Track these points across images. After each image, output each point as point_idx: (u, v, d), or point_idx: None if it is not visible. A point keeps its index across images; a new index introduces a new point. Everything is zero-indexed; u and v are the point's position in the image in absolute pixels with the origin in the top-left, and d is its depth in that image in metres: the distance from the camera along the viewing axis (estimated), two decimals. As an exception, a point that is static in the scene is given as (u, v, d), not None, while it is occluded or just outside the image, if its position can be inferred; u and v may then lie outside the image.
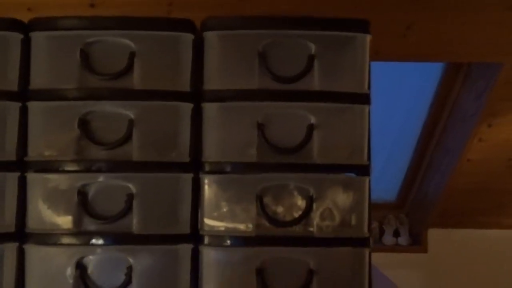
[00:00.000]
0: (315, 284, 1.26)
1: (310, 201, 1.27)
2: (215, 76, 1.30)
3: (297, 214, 1.28)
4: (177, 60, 1.30)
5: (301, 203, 1.29)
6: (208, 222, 1.29)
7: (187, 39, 1.30)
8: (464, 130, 3.48)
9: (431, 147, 3.60)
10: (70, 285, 1.25)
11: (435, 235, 3.71)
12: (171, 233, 1.28)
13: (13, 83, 1.30)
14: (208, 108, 1.30)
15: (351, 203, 1.28)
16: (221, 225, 1.28)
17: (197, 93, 1.31)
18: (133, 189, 1.27)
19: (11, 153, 1.28)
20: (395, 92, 3.25)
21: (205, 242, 1.29)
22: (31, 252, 1.27)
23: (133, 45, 1.28)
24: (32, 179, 1.28)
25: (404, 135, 3.50)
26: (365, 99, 1.30)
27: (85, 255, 1.27)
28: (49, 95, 1.28)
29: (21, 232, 1.28)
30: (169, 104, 1.29)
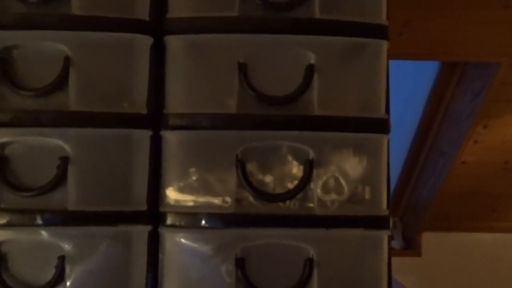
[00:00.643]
0: (316, 279, 0.83)
1: (309, 167, 0.84)
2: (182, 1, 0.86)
3: (291, 185, 0.85)
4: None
5: (297, 170, 0.85)
6: (171, 195, 0.85)
7: None
8: (459, 132, 3.17)
9: (425, 149, 3.29)
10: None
11: (429, 239, 3.44)
12: (121, 211, 0.85)
13: None
14: (172, 42, 0.87)
15: (365, 170, 0.85)
16: (188, 200, 0.84)
17: (159, 25, 0.87)
18: (68, 151, 0.85)
19: None
20: (389, 92, 2.85)
21: (168, 222, 0.85)
22: None
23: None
24: None
25: (397, 136, 3.13)
26: (382, 32, 0.87)
27: (2, 241, 0.83)
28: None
29: None
30: (119, 36, 0.86)
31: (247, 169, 0.87)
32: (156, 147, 0.88)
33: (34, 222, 0.84)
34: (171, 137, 0.88)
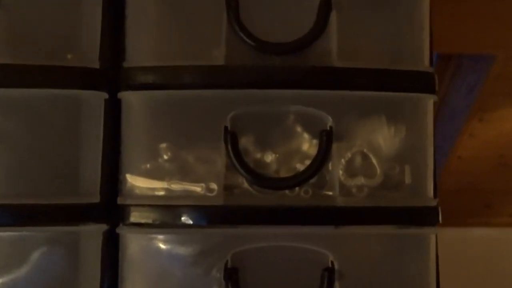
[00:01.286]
0: (340, 295, 0.54)
1: (326, 140, 0.55)
2: None
3: (302, 166, 0.57)
4: None
5: (309, 146, 0.57)
6: (135, 182, 0.56)
7: None
8: (454, 126, 2.87)
9: (420, 144, 2.96)
10: None
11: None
12: (64, 204, 0.56)
13: None
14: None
15: (403, 143, 0.57)
16: (159, 188, 0.56)
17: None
18: (-11, 119, 0.55)
19: None
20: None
21: (130, 219, 0.57)
22: None
23: None
24: None
25: (392, 131, 2.85)
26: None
27: None
28: None
29: None
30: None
31: (241, 144, 0.58)
32: (113, 115, 0.60)
33: None
34: (133, 101, 0.59)
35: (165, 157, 0.58)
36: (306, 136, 0.59)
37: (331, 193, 0.58)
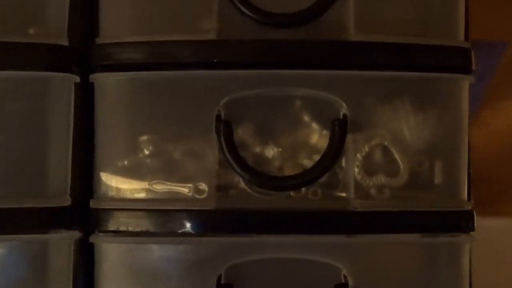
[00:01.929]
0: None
1: (340, 131, 0.42)
2: None
3: (310, 161, 0.43)
4: None
5: (318, 137, 0.44)
6: (110, 182, 0.44)
7: None
8: None
9: (430, 135, 2.86)
10: None
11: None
12: (27, 208, 0.43)
13: None
14: None
15: (432, 135, 0.43)
16: (139, 189, 0.43)
17: None
18: None
19: None
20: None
21: (106, 226, 0.44)
22: None
23: None
24: None
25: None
26: None
27: None
28: None
29: None
30: None
31: (236, 135, 0.46)
32: (86, 101, 0.47)
33: None
34: (109, 84, 0.47)
35: (146, 152, 0.46)
36: (315, 126, 0.46)
37: (344, 194, 0.45)
